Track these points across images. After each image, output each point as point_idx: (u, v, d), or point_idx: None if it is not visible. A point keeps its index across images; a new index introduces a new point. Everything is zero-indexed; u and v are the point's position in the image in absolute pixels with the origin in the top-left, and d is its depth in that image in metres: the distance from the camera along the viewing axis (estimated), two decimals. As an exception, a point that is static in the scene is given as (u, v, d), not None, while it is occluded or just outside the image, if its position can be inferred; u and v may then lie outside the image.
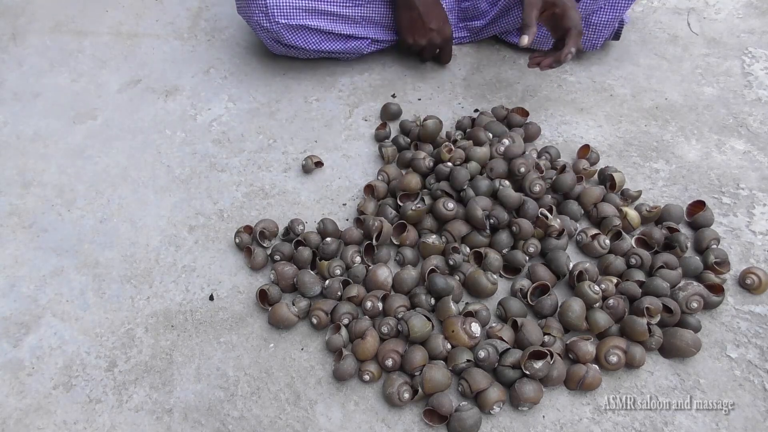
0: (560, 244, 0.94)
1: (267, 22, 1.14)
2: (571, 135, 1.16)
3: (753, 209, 1.02)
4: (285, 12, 1.13)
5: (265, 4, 1.12)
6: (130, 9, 1.48)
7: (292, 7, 1.13)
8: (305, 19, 1.15)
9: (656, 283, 0.87)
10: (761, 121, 1.17)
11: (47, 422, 0.82)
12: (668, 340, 0.84)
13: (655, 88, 1.24)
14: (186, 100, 1.26)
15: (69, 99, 1.27)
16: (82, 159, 1.15)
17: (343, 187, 1.09)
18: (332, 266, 0.93)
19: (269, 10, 1.12)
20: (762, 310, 0.90)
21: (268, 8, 1.12)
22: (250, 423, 0.81)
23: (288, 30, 1.16)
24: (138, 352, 0.89)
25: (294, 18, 1.14)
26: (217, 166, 1.13)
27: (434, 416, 0.79)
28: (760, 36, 1.34)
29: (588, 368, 0.81)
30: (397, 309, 0.87)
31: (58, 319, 0.93)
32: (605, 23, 1.20)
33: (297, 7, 1.13)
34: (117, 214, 1.06)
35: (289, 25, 1.15)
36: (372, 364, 0.84)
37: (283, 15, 1.13)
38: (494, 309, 0.90)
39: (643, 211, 0.99)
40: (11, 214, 1.07)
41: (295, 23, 1.15)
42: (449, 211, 0.95)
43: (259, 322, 0.91)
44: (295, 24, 1.15)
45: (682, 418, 0.80)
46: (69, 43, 1.40)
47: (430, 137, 1.10)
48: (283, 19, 1.14)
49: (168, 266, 0.98)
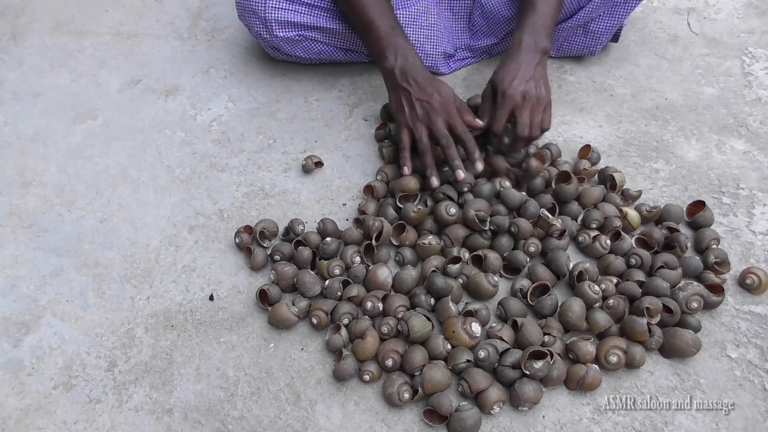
0: (561, 244, 0.94)
1: (267, 34, 1.15)
2: (571, 135, 1.16)
3: (753, 209, 1.02)
4: (284, 27, 1.13)
5: (264, 18, 1.12)
6: (130, 9, 1.48)
7: (291, 23, 1.13)
8: (304, 32, 1.15)
9: (656, 283, 0.87)
10: (761, 121, 1.17)
11: (47, 422, 0.82)
12: (668, 340, 0.84)
13: (655, 88, 1.24)
14: (186, 100, 1.26)
15: (69, 99, 1.27)
16: (82, 159, 1.15)
17: (343, 187, 1.09)
18: (331, 266, 0.93)
19: (268, 24, 1.12)
20: (762, 310, 0.90)
21: (267, 22, 1.12)
22: (250, 423, 0.81)
23: (287, 42, 1.16)
24: (138, 352, 0.89)
25: (292, 31, 1.14)
26: (217, 166, 1.13)
27: (434, 416, 0.79)
28: (760, 36, 1.34)
29: (588, 368, 0.81)
30: (397, 309, 0.87)
31: (58, 319, 0.93)
32: (603, 31, 1.20)
33: (296, 23, 1.13)
34: (117, 214, 1.06)
35: (288, 38, 1.15)
36: (372, 364, 0.84)
37: (282, 29, 1.13)
38: (494, 309, 0.90)
39: (643, 211, 0.99)
40: (11, 214, 1.07)
41: (294, 35, 1.15)
42: (451, 216, 0.95)
43: (259, 322, 0.91)
44: (294, 36, 1.15)
45: (682, 418, 0.80)
46: (69, 43, 1.40)
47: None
48: (282, 32, 1.14)
49: (168, 266, 0.98)
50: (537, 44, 1.00)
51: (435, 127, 0.98)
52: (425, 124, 0.99)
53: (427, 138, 0.99)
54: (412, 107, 1.00)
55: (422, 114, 0.99)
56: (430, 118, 0.98)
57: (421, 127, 0.99)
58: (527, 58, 1.00)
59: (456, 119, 0.99)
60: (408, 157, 1.02)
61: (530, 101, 0.98)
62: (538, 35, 1.01)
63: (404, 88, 1.00)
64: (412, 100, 0.99)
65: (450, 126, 0.99)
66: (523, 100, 0.98)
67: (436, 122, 0.98)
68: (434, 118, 0.98)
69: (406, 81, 1.00)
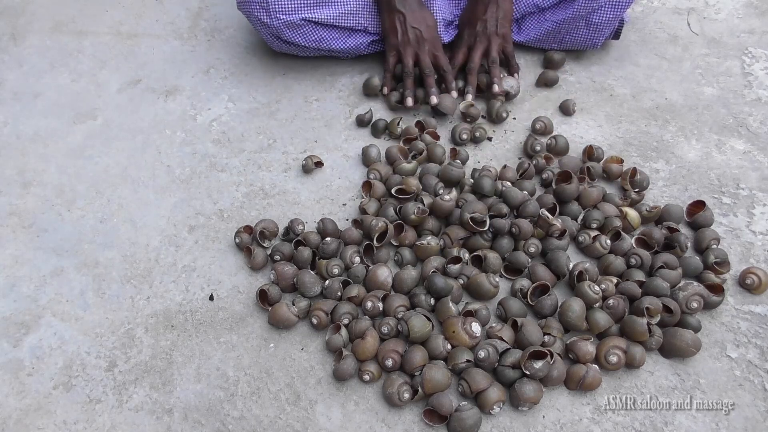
0: (561, 244, 0.94)
1: (267, 18, 1.13)
2: (571, 135, 1.15)
3: (753, 209, 1.02)
4: (286, 7, 1.12)
5: (266, 1, 1.11)
6: (130, 9, 1.48)
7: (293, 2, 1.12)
8: (306, 12, 1.13)
9: (656, 283, 0.87)
10: (761, 121, 1.17)
11: (47, 422, 0.82)
12: (668, 340, 0.84)
13: (655, 88, 1.24)
14: (186, 100, 1.26)
15: (69, 99, 1.27)
16: (82, 159, 1.15)
17: (343, 187, 1.09)
18: (330, 266, 0.93)
19: (270, 6, 1.11)
20: (762, 310, 0.90)
21: (269, 4, 1.11)
22: (250, 423, 0.81)
23: (288, 27, 1.15)
24: (138, 352, 0.89)
25: (295, 13, 1.13)
26: (217, 166, 1.13)
27: (434, 416, 0.79)
28: (760, 36, 1.34)
29: (588, 368, 0.81)
30: (397, 309, 0.87)
31: (58, 319, 0.93)
32: (605, 23, 1.20)
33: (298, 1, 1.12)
34: (117, 214, 1.06)
35: (290, 22, 1.14)
36: (372, 364, 0.84)
37: (284, 11, 1.13)
38: (494, 309, 0.90)
39: (643, 211, 0.99)
40: (11, 214, 1.07)
41: (295, 18, 1.13)
42: (448, 203, 0.95)
43: (259, 322, 0.91)
44: (295, 20, 1.14)
45: (682, 418, 0.80)
46: (69, 43, 1.40)
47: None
48: (284, 15, 1.12)
49: (168, 266, 0.98)
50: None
51: (422, 56, 1.13)
52: (413, 49, 1.13)
53: (412, 63, 1.13)
54: (404, 32, 1.12)
55: (413, 40, 1.12)
56: (418, 45, 1.12)
57: (410, 51, 1.13)
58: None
59: (440, 51, 1.14)
60: (390, 79, 1.17)
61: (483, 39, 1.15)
62: None
63: (400, 11, 1.12)
64: (405, 25, 1.11)
65: (434, 56, 1.13)
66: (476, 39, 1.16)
67: (422, 51, 1.12)
68: (422, 46, 1.12)
69: (403, 5, 1.12)
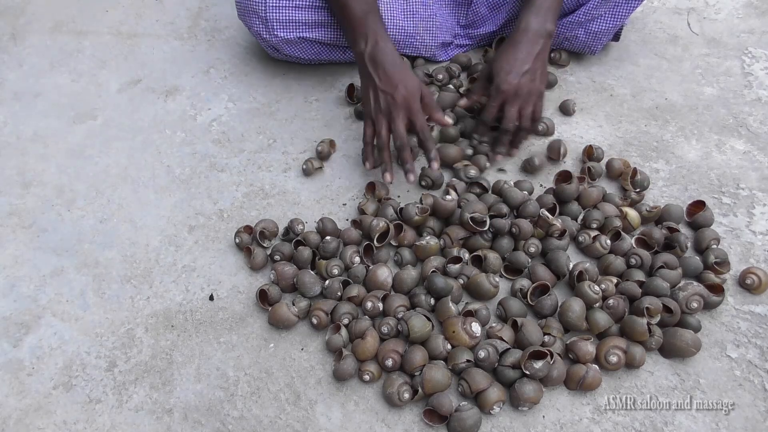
0: (561, 244, 0.94)
1: (266, 33, 1.14)
2: (571, 135, 1.16)
3: (753, 209, 1.02)
4: (285, 26, 1.13)
5: (265, 18, 1.11)
6: (130, 9, 1.48)
7: (293, 21, 1.12)
8: (305, 32, 1.14)
9: (656, 283, 0.87)
10: (761, 121, 1.17)
11: (47, 422, 0.82)
12: (668, 340, 0.84)
13: (655, 88, 1.24)
14: (186, 100, 1.26)
15: (69, 99, 1.27)
16: (82, 159, 1.15)
17: (343, 187, 1.09)
18: (330, 266, 0.93)
19: (269, 23, 1.12)
20: (762, 310, 0.90)
21: (268, 21, 1.12)
22: (250, 423, 0.81)
23: (286, 43, 1.16)
24: (138, 352, 0.89)
25: (294, 32, 1.14)
26: (217, 166, 1.13)
27: (434, 416, 0.79)
28: (760, 36, 1.34)
29: (588, 368, 0.81)
30: (397, 309, 0.87)
31: (58, 319, 0.93)
32: (605, 31, 1.19)
33: (297, 21, 1.12)
34: (117, 214, 1.06)
35: (288, 39, 1.14)
36: (372, 364, 0.84)
37: (283, 29, 1.13)
38: (494, 309, 0.90)
39: (643, 211, 0.99)
40: (11, 214, 1.07)
41: (294, 37, 1.14)
42: (449, 203, 0.95)
43: (259, 322, 0.91)
44: (294, 38, 1.14)
45: (682, 418, 0.80)
46: (69, 43, 1.40)
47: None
48: (283, 32, 1.13)
49: (168, 266, 0.98)
50: (542, 27, 1.01)
51: (393, 125, 0.97)
52: (386, 118, 0.97)
53: (386, 133, 0.98)
54: (376, 99, 0.98)
55: (384, 108, 0.97)
56: (390, 114, 0.97)
57: (382, 120, 0.97)
58: (529, 46, 1.01)
59: (417, 115, 0.97)
60: (370, 152, 1.03)
61: (521, 96, 1.01)
62: (545, 18, 1.02)
63: (371, 77, 0.98)
64: (377, 92, 0.98)
65: (410, 122, 0.97)
66: (515, 94, 1.00)
67: (396, 119, 0.96)
68: (395, 113, 0.96)
69: (374, 69, 0.98)
